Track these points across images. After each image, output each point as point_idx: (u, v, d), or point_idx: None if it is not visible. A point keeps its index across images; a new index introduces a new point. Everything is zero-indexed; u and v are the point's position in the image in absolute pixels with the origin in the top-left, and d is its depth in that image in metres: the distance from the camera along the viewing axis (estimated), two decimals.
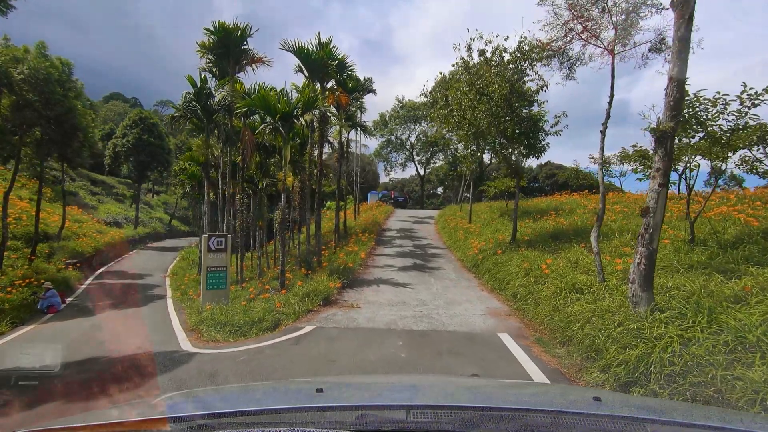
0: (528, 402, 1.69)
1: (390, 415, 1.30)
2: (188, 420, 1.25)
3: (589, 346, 5.01)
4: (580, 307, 5.92)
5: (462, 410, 1.36)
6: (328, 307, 8.03)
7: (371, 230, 19.36)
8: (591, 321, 5.39)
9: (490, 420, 1.24)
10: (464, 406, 1.42)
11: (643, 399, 3.01)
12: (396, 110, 42.05)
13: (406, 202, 37.76)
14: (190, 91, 13.16)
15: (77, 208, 28.53)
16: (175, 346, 7.26)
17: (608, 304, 5.56)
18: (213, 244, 11.25)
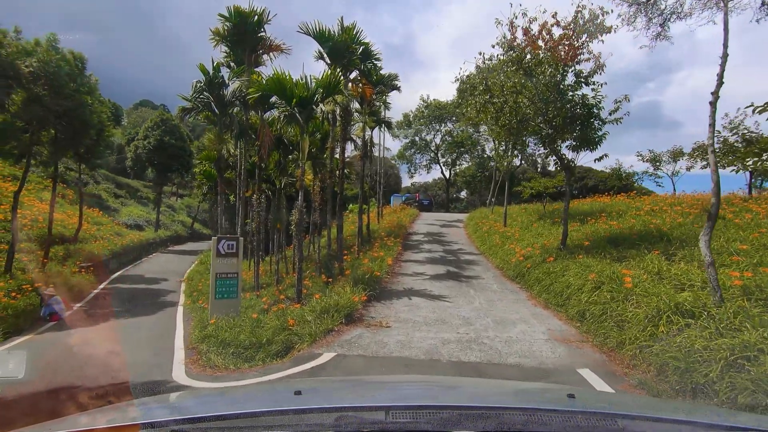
0: (505, 401, 1.71)
1: (369, 416, 1.27)
2: (162, 426, 1.19)
3: (751, 406, 3.35)
4: (702, 340, 4.24)
5: (441, 410, 1.35)
6: (351, 326, 6.58)
7: (397, 234, 17.89)
8: (736, 364, 3.74)
9: (469, 419, 1.24)
10: (443, 406, 1.41)
11: (616, 395, 3.08)
12: (420, 110, 40.55)
13: (431, 205, 36.09)
14: (200, 80, 12.04)
15: (98, 210, 28.20)
16: (166, 373, 5.96)
17: (754, 338, 3.89)
18: (223, 248, 10.01)
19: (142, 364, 6.64)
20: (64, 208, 24.05)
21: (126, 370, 6.11)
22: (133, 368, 6.29)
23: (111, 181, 37.42)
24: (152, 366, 6.45)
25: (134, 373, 6.01)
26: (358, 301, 7.29)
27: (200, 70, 12.08)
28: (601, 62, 10.54)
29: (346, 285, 8.33)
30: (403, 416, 1.27)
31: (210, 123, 14.88)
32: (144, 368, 6.41)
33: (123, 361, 6.71)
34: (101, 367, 6.32)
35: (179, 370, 6.19)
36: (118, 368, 6.21)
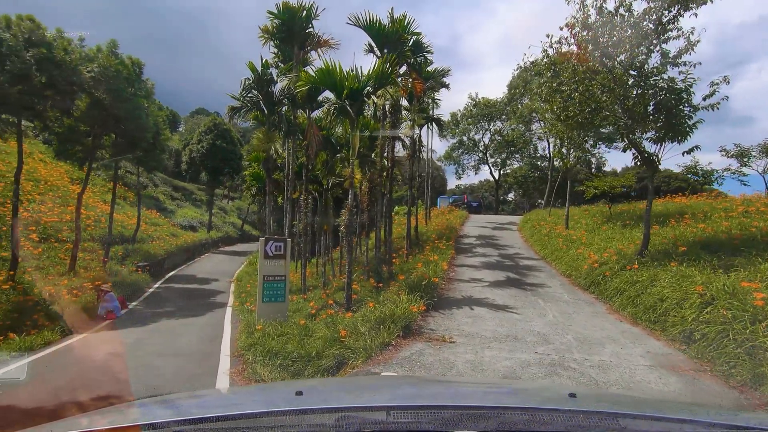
0: (506, 401, 1.70)
1: (370, 417, 1.27)
2: (163, 427, 1.18)
3: None
4: None
5: (442, 410, 1.34)
6: (410, 340, 5.80)
7: (448, 237, 16.93)
8: None
9: (470, 419, 1.23)
10: (444, 406, 1.41)
11: (616, 395, 3.06)
12: (469, 109, 39.19)
13: (480, 207, 34.60)
14: (249, 78, 11.81)
15: (156, 211, 29.45)
16: (209, 386, 5.48)
17: None
18: (271, 250, 9.61)
19: (186, 372, 6.26)
20: (124, 209, 25.22)
21: (170, 379, 5.72)
22: (177, 377, 5.91)
23: (168, 184, 39.21)
24: (196, 375, 6.04)
25: (177, 383, 5.60)
26: (416, 312, 6.51)
27: (249, 68, 11.89)
28: (693, 40, 9.10)
29: (401, 292, 7.57)
30: (404, 416, 1.26)
31: (258, 123, 14.73)
32: (188, 377, 6.00)
33: (168, 369, 6.37)
34: (144, 376, 6.00)
35: (224, 381, 5.72)
36: (163, 376, 5.85)
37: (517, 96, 35.68)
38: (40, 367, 6.94)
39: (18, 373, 3.90)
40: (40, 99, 12.53)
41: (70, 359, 7.47)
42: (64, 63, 12.40)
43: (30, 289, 12.24)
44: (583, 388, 3.68)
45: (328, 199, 16.47)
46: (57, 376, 6.27)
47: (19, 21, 12.06)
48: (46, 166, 22.63)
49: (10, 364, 4.40)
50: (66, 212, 17.93)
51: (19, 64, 11.37)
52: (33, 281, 12.78)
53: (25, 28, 11.91)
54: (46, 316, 11.21)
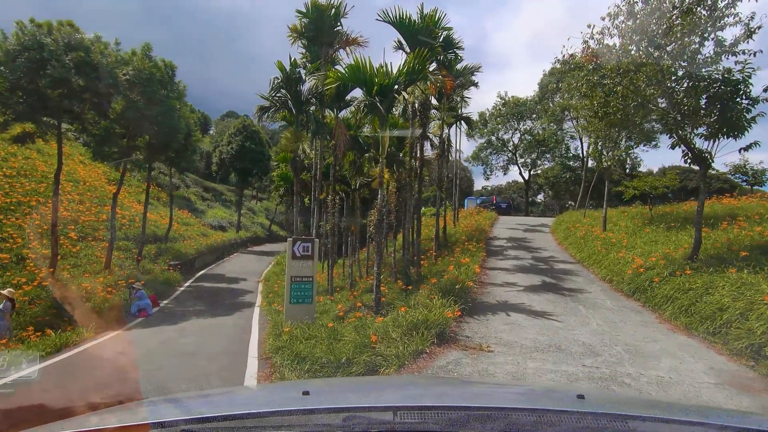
0: (513, 401, 1.67)
1: (377, 417, 1.26)
2: (171, 425, 1.20)
3: None
4: None
5: (449, 410, 1.34)
6: (445, 348, 5.46)
7: (478, 239, 16.43)
8: None
9: (477, 420, 1.24)
10: (451, 407, 1.39)
11: (626, 396, 3.03)
12: (497, 108, 38.30)
13: (510, 208, 33.70)
14: (278, 77, 11.74)
15: (187, 212, 30.15)
16: None
17: None
18: (298, 250, 9.45)
19: (214, 374, 6.14)
20: (157, 209, 25.90)
21: (198, 382, 5.61)
22: (204, 379, 5.79)
23: (199, 185, 40.18)
24: (224, 379, 5.91)
25: (205, 385, 5.47)
26: (451, 317, 6.15)
27: (278, 67, 11.84)
28: (753, 26, 8.36)
29: (433, 295, 7.22)
30: (410, 416, 1.25)
31: (286, 122, 14.71)
32: (215, 380, 5.87)
33: (197, 371, 6.27)
34: (172, 379, 5.91)
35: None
36: (192, 379, 5.74)
37: (549, 94, 34.62)
38: (70, 365, 7.01)
39: (31, 373, 3.80)
40: (78, 102, 12.91)
41: (100, 358, 7.52)
42: (101, 66, 12.73)
43: (68, 286, 12.61)
44: (593, 390, 3.57)
45: (355, 199, 16.28)
46: (84, 375, 6.29)
47: (59, 27, 12.46)
48: (85, 167, 23.52)
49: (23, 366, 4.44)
50: (102, 212, 18.52)
51: (60, 68, 11.72)
52: (71, 278, 13.18)
53: (65, 33, 12.29)
54: (82, 312, 11.50)
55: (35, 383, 5.50)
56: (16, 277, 11.57)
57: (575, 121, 34.26)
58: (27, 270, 12.25)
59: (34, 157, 19.58)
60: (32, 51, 11.71)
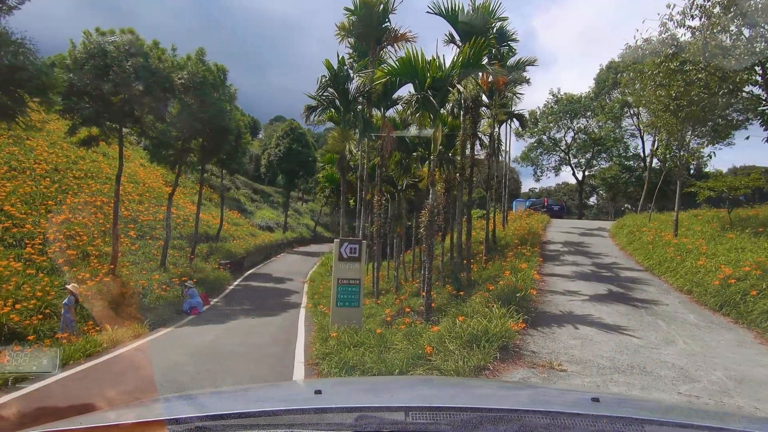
0: (526, 403, 1.67)
1: (389, 417, 1.26)
2: (186, 422, 1.20)
3: None
4: None
5: (461, 411, 1.32)
6: (510, 364, 4.88)
7: (531, 242, 15.46)
8: None
9: (489, 421, 1.22)
10: (463, 408, 1.38)
11: (641, 400, 2.87)
12: (549, 106, 36.53)
13: (562, 211, 31.87)
14: (325, 75, 11.58)
15: (237, 212, 31.12)
16: None
17: None
18: (345, 252, 9.16)
19: (259, 379, 5.93)
20: (209, 210, 26.85)
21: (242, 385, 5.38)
22: (251, 383, 5.56)
23: (248, 186, 41.52)
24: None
25: None
26: (516, 329, 5.54)
27: (325, 66, 11.69)
28: None
29: (491, 303, 6.62)
30: (422, 417, 1.24)
31: (333, 122, 14.59)
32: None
33: (243, 376, 6.09)
34: (220, 382, 5.75)
35: None
36: (235, 383, 5.55)
37: (607, 89, 32.49)
38: (124, 361, 7.10)
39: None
40: (138, 106, 13.47)
41: (150, 356, 7.58)
42: (158, 71, 13.20)
43: (127, 282, 13.14)
44: (607, 394, 3.49)
45: (401, 200, 15.87)
46: (129, 375, 6.29)
47: (121, 34, 13.04)
48: (144, 169, 24.82)
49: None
50: (159, 212, 19.33)
51: (120, 73, 12.25)
52: (129, 275, 13.75)
53: (126, 40, 12.84)
54: (138, 308, 11.91)
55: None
56: (81, 272, 12.16)
57: (636, 118, 31.94)
58: (91, 266, 12.87)
59: (100, 160, 20.86)
60: (97, 58, 12.33)
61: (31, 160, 17.11)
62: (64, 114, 12.59)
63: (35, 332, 9.21)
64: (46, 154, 18.20)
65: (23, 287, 10.44)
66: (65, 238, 13.70)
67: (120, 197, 14.63)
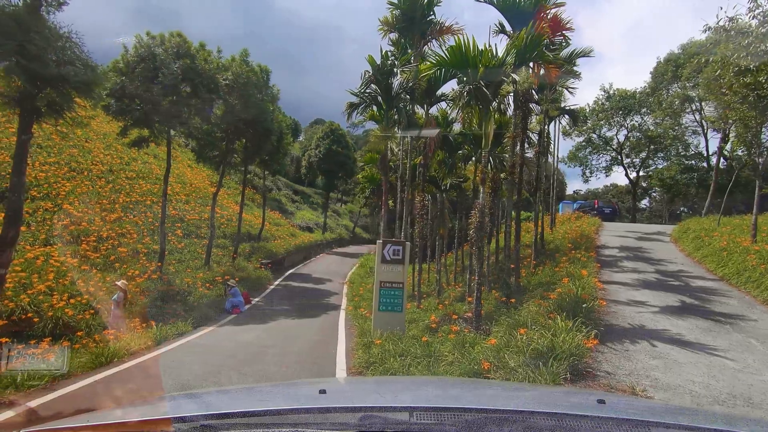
0: (531, 404, 1.65)
1: (393, 417, 1.26)
2: (192, 420, 1.22)
3: None
4: None
5: (465, 412, 1.33)
6: (583, 387, 4.24)
7: (585, 247, 14.39)
8: None
9: (494, 422, 1.22)
10: (467, 408, 1.39)
11: (648, 402, 2.91)
12: (599, 103, 34.53)
13: (614, 214, 29.94)
14: (368, 71, 11.25)
15: (278, 213, 31.60)
16: None
17: None
18: (389, 254, 8.76)
19: None
20: (252, 210, 27.36)
21: None
22: None
23: (289, 188, 42.23)
24: None
25: None
26: (590, 346, 4.85)
27: (368, 62, 11.35)
28: None
29: (553, 314, 5.95)
30: (426, 417, 1.25)
31: (374, 121, 14.24)
32: None
33: (283, 378, 5.79)
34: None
35: None
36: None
37: (665, 84, 30.22)
38: (165, 361, 7.02)
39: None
40: (185, 107, 13.75)
41: (190, 356, 7.48)
42: (204, 72, 13.41)
43: (173, 280, 13.41)
44: (613, 395, 3.41)
45: (443, 201, 15.28)
46: (167, 375, 6.14)
47: (170, 37, 13.35)
48: (192, 170, 25.66)
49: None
50: (205, 211, 19.80)
51: (169, 75, 12.51)
52: (175, 273, 14.05)
53: (174, 42, 13.13)
54: (183, 306, 12.07)
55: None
56: (131, 269, 12.50)
57: (698, 113, 29.49)
58: (140, 263, 13.23)
59: (150, 161, 21.72)
60: (147, 61, 12.68)
61: (88, 161, 18.01)
62: (116, 116, 13.02)
63: (87, 326, 9.45)
64: (102, 156, 19.13)
65: (77, 282, 10.81)
66: (117, 236, 14.21)
67: (168, 197, 15.01)
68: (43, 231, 12.65)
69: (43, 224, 13.00)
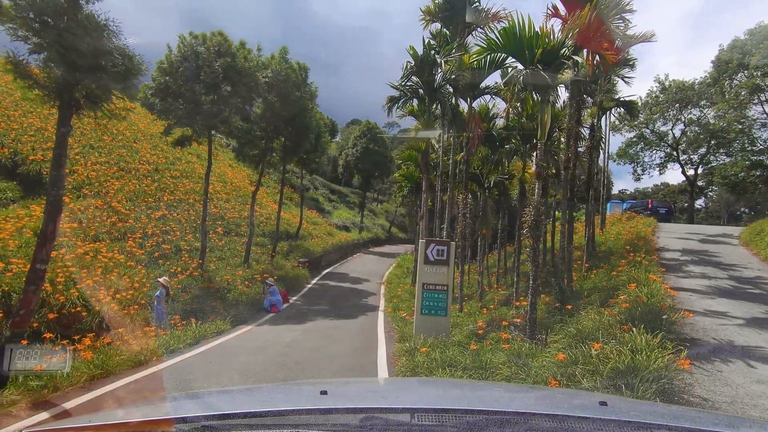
0: (533, 406, 1.67)
1: (394, 418, 1.27)
2: (193, 421, 1.22)
3: None
4: None
5: (466, 414, 1.33)
6: None
7: (645, 249, 13.20)
8: None
9: (495, 424, 1.23)
10: (469, 410, 1.39)
11: (650, 404, 2.90)
12: (653, 96, 32.23)
13: (670, 214, 27.81)
14: (410, 61, 10.75)
15: (315, 212, 31.73)
16: None
17: None
18: (432, 254, 8.24)
19: None
20: (290, 209, 27.56)
21: None
22: None
23: (326, 187, 42.48)
24: None
25: None
26: (686, 368, 4.11)
27: (410, 53, 10.86)
28: None
29: (625, 325, 5.20)
30: (428, 419, 1.25)
31: (414, 116, 13.74)
32: None
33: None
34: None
35: None
36: None
37: (729, 73, 27.70)
38: (203, 360, 6.85)
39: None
40: (226, 105, 13.83)
41: (230, 357, 7.27)
42: (244, 70, 13.40)
43: (213, 277, 13.50)
44: (615, 397, 3.26)
45: (486, 199, 14.53)
46: (208, 375, 5.92)
47: (212, 36, 13.44)
48: (232, 170, 26.15)
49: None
50: (244, 210, 20.01)
51: (210, 73, 12.58)
52: (216, 270, 14.15)
53: (215, 41, 13.19)
54: (222, 303, 12.08)
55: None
56: (173, 266, 12.67)
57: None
58: (182, 260, 13.40)
59: (194, 161, 22.25)
60: (190, 60, 12.81)
61: (136, 161, 18.62)
62: (160, 115, 13.26)
63: (131, 321, 9.55)
64: (149, 156, 19.74)
65: (123, 278, 11.02)
66: (161, 233, 14.50)
67: (209, 195, 15.19)
68: (93, 228, 13.04)
69: (93, 221, 13.41)
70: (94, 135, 18.18)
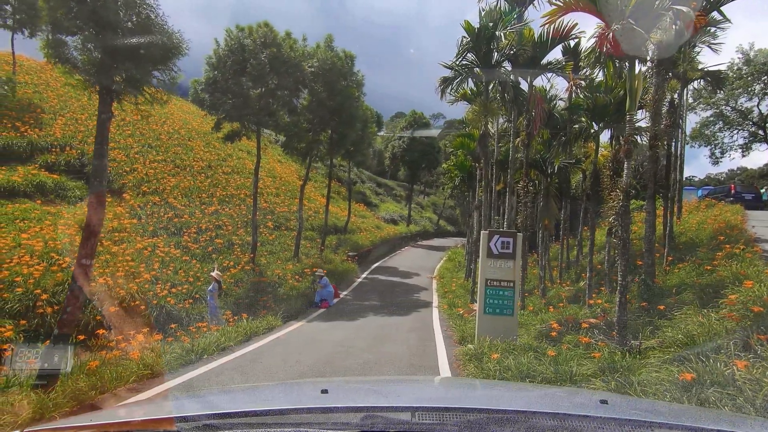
0: (534, 404, 1.65)
1: (395, 417, 1.25)
2: (194, 420, 1.22)
3: None
4: None
5: (467, 412, 1.32)
6: None
7: (741, 240, 11.47)
8: None
9: (496, 422, 1.22)
10: (470, 408, 1.38)
11: (651, 402, 2.83)
12: (736, 68, 28.67)
13: (758, 201, 24.59)
14: (465, 36, 9.82)
15: (363, 205, 31.47)
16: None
17: None
18: (496, 246, 7.40)
19: None
20: (337, 203, 27.43)
21: None
22: None
23: (373, 180, 42.16)
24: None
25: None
26: None
27: (465, 28, 9.90)
28: None
29: (759, 335, 4.16)
30: (429, 417, 1.24)
31: (467, 100, 12.77)
32: None
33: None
34: None
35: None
36: None
37: None
38: (252, 359, 6.51)
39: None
40: (272, 98, 13.65)
41: (280, 357, 6.89)
42: (290, 60, 13.10)
43: (264, 271, 13.42)
44: (616, 395, 3.18)
45: (549, 187, 13.30)
46: (254, 375, 5.52)
47: (258, 28, 13.24)
48: (281, 165, 26.40)
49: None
50: (293, 204, 19.99)
51: (256, 65, 12.38)
52: (266, 264, 14.09)
53: (261, 33, 12.97)
54: (272, 297, 11.92)
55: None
56: (226, 260, 12.71)
57: None
58: (234, 255, 13.44)
59: (244, 157, 22.60)
60: (237, 53, 12.69)
61: (190, 158, 19.11)
62: (209, 110, 13.32)
63: (186, 315, 9.55)
64: (202, 153, 20.23)
65: (179, 272, 11.12)
66: (214, 228, 14.66)
67: (259, 190, 15.16)
68: (152, 223, 13.36)
69: (151, 217, 13.76)
70: (152, 134, 18.86)
